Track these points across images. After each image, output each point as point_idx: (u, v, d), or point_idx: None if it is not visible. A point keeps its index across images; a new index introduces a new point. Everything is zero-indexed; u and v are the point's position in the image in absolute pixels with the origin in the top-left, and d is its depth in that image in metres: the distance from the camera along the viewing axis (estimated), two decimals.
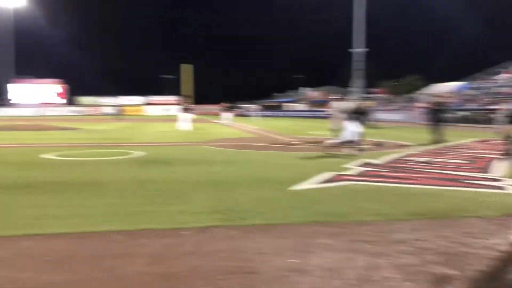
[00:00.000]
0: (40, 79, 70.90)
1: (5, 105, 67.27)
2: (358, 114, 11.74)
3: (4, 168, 8.74)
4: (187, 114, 24.42)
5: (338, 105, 14.60)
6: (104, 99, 71.63)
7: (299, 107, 70.01)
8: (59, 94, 70.78)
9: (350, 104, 14.01)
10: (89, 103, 71.24)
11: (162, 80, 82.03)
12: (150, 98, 73.78)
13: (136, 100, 73.14)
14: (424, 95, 40.70)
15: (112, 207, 5.43)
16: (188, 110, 25.00)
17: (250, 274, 3.36)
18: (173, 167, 8.97)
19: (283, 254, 3.78)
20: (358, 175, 7.85)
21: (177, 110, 25.47)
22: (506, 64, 41.31)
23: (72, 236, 4.32)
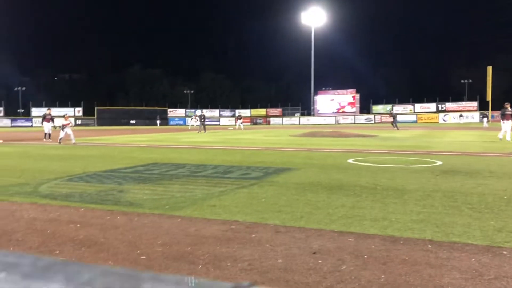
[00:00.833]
0: (337, 90, 77.47)
1: (311, 114, 76.57)
2: None
3: (319, 170, 9.88)
4: None
5: None
6: (397, 107, 72.25)
7: None
8: (349, 103, 75.46)
9: None
10: (381, 111, 73.26)
11: (458, 85, 76.79)
12: (445, 105, 70.12)
13: (431, 107, 70.82)
14: None
15: (419, 215, 5.38)
16: None
17: None
18: (477, 179, 8.22)
19: None
20: None
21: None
22: None
23: (383, 238, 4.49)
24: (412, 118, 68.35)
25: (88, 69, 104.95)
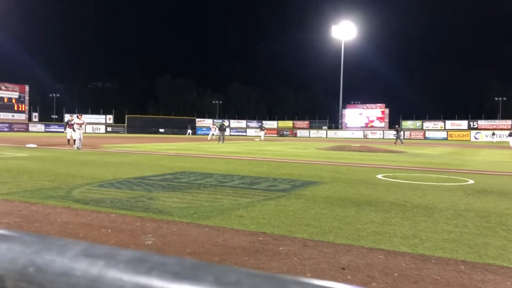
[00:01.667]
0: (365, 104, 76.71)
1: (339, 128, 76.02)
2: None
3: (347, 185, 9.79)
4: None
5: None
6: (427, 123, 71.06)
7: None
8: (378, 118, 74.50)
9: None
10: (411, 127, 72.06)
11: (492, 103, 74.93)
12: (477, 122, 68.44)
13: (462, 124, 69.26)
14: None
15: (451, 234, 5.26)
16: None
17: None
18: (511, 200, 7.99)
19: None
20: None
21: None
22: None
23: (413, 256, 4.40)
24: (443, 135, 67.02)
25: (120, 78, 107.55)
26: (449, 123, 70.12)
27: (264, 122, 75.12)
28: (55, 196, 7.42)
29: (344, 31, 75.46)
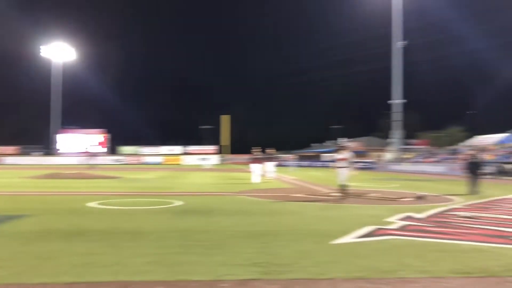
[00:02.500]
0: (84, 129, 74.18)
1: (53, 154, 70.55)
2: None
3: (56, 216, 9.08)
4: (269, 163, 23.84)
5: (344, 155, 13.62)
6: (145, 149, 73.97)
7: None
8: (100, 143, 73.44)
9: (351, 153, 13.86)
10: (130, 152, 73.69)
11: (201, 130, 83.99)
12: (188, 148, 75.39)
13: (176, 149, 74.95)
14: (467, 147, 39.70)
15: (153, 256, 5.50)
16: (270, 159, 24.17)
17: None
18: (211, 217, 9.04)
19: None
20: (400, 229, 7.64)
21: (251, 161, 22.82)
22: None
23: (117, 283, 4.39)
24: (159, 159, 71.27)
25: None
26: (165, 149, 75.00)
27: None
28: None
29: (57, 53, 71.37)
